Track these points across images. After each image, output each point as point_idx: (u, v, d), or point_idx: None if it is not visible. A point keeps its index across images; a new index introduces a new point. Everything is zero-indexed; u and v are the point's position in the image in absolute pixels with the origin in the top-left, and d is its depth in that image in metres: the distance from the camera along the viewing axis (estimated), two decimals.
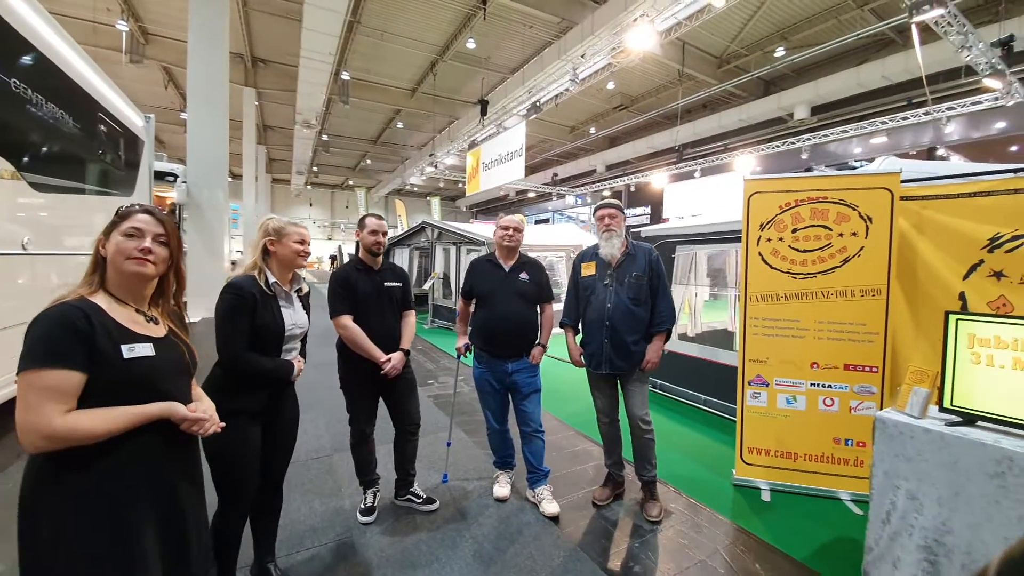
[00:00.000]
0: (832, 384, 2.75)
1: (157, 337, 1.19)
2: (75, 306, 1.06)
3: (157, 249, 1.18)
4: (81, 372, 1.02)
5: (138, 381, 1.11)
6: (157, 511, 1.14)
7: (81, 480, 1.04)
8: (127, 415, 1.07)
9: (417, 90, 16.62)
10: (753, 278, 2.87)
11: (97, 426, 1.02)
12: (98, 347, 1.05)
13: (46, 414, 0.97)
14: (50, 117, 3.71)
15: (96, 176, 4.70)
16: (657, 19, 7.49)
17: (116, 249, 1.14)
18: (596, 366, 2.59)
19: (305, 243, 1.85)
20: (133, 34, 11.95)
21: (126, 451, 1.08)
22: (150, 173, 6.49)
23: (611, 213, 2.56)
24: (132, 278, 1.17)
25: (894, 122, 11.62)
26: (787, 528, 2.47)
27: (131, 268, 1.14)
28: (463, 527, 2.39)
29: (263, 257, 1.78)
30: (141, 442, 1.11)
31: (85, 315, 1.05)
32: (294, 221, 1.87)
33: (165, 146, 22.29)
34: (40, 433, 0.97)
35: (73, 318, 1.03)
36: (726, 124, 15.33)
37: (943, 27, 7.91)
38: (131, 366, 1.10)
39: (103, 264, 1.16)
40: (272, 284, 1.75)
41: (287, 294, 1.82)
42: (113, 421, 1.04)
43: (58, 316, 1.03)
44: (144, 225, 1.17)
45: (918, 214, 2.74)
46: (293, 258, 1.81)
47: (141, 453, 1.12)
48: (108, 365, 1.06)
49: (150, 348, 1.15)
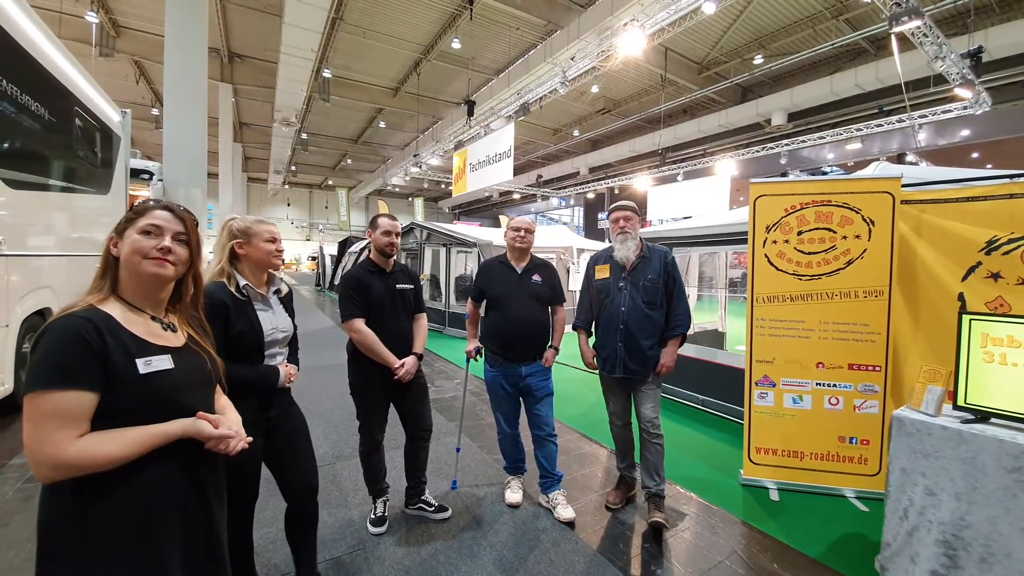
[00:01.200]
0: (837, 383, 2.80)
1: (175, 347, 1.08)
2: (84, 317, 0.94)
3: (177, 249, 1.07)
4: (93, 392, 0.91)
5: (157, 398, 1.00)
6: (190, 540, 1.05)
7: (108, 512, 0.93)
8: (147, 436, 0.96)
9: (400, 89, 16.45)
10: (760, 280, 2.90)
11: (114, 450, 0.91)
12: (111, 363, 0.94)
13: (56, 441, 0.86)
14: (24, 111, 3.49)
15: (70, 173, 4.45)
16: (647, 23, 7.57)
17: (132, 248, 1.02)
18: (610, 370, 2.56)
19: (276, 240, 1.72)
20: (103, 26, 11.44)
21: (153, 476, 0.98)
22: (126, 171, 6.19)
23: (626, 215, 2.54)
24: (149, 281, 1.06)
25: (868, 129, 12.07)
26: (798, 526, 2.50)
27: (149, 269, 1.03)
28: (479, 535, 2.33)
29: (231, 261, 1.66)
30: (167, 464, 1.00)
31: (95, 327, 0.94)
32: (260, 219, 1.74)
33: (136, 143, 21.43)
34: (51, 463, 0.87)
35: (82, 331, 0.92)
36: (706, 129, 15.68)
37: (919, 38, 8.26)
38: (149, 382, 0.99)
39: (115, 266, 1.05)
40: (244, 288, 1.63)
41: (263, 297, 1.70)
42: (132, 443, 0.94)
43: (64, 330, 0.92)
44: (163, 222, 1.06)
45: (917, 218, 2.82)
46: (266, 259, 1.69)
47: (168, 477, 1.02)
48: (123, 382, 0.95)
49: (168, 360, 1.03)
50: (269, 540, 2.23)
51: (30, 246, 3.69)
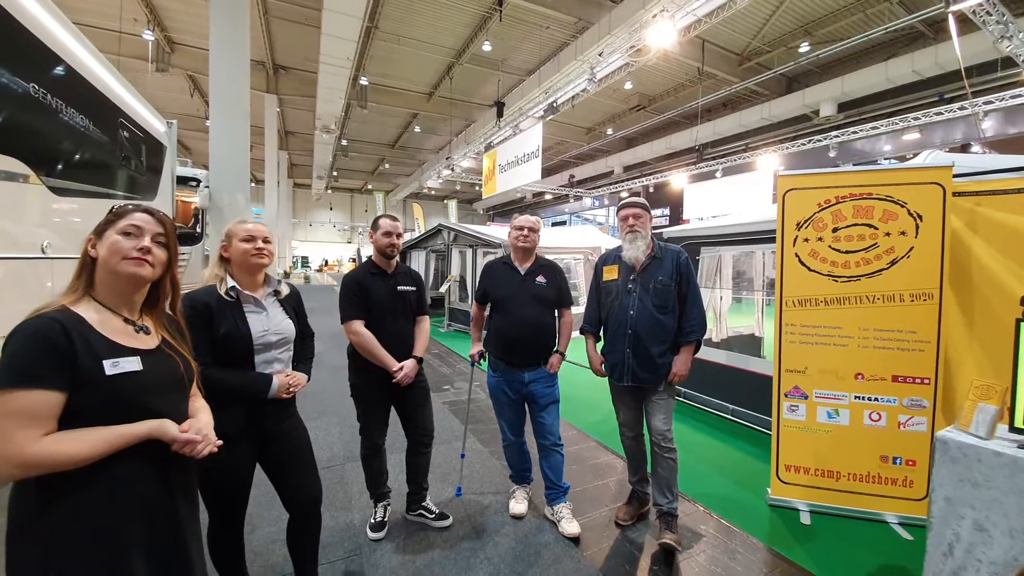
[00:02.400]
0: (879, 397, 2.53)
1: (146, 349, 1.09)
2: (52, 318, 0.96)
3: (156, 251, 1.09)
4: (59, 391, 0.92)
5: (123, 399, 1.01)
6: (155, 538, 1.04)
7: (69, 510, 0.94)
8: (111, 436, 0.97)
9: (434, 93, 16.68)
10: (789, 281, 2.67)
11: (77, 449, 0.92)
12: (78, 363, 0.95)
13: (18, 440, 0.87)
14: (70, 122, 3.74)
15: (118, 181, 4.74)
16: (677, 14, 7.28)
17: (111, 249, 1.04)
18: (618, 377, 2.41)
19: (254, 239, 1.62)
20: (159, 43, 12.26)
21: (117, 474, 0.99)
22: (172, 178, 6.56)
23: (635, 213, 2.39)
24: (126, 281, 1.07)
25: (927, 118, 11.12)
26: (831, 555, 2.27)
27: (127, 269, 1.05)
28: (478, 547, 2.25)
29: (221, 264, 1.64)
30: (133, 464, 1.01)
31: (63, 328, 0.95)
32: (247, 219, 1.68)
33: (191, 152, 22.93)
34: (14, 461, 0.87)
35: (49, 332, 0.94)
36: (747, 123, 14.94)
37: (981, 16, 7.52)
38: (114, 383, 0.99)
39: (91, 267, 1.07)
40: (231, 289, 1.59)
41: (255, 300, 1.64)
42: (96, 443, 0.94)
43: (32, 330, 0.94)
44: (143, 223, 1.08)
45: (972, 211, 2.51)
46: (243, 259, 1.61)
47: (134, 476, 1.02)
48: (90, 382, 0.96)
49: (136, 362, 1.04)
50: (270, 540, 2.24)
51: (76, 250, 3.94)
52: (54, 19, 3.53)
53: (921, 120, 11.19)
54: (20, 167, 3.15)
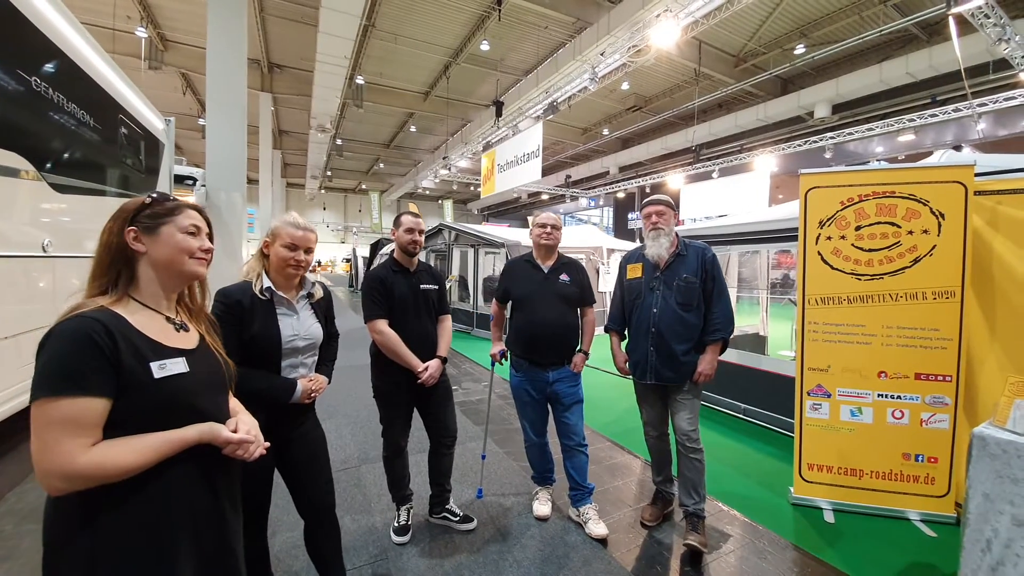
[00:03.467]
0: (902, 395, 2.53)
1: (189, 349, 1.04)
2: (94, 318, 0.88)
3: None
4: (105, 398, 0.86)
5: (173, 402, 0.95)
6: (203, 547, 0.99)
7: (117, 522, 0.88)
8: (163, 442, 0.91)
9: (430, 93, 16.60)
10: (812, 280, 2.66)
11: (128, 459, 0.86)
12: (124, 367, 0.88)
13: (66, 451, 0.81)
14: (70, 118, 3.64)
15: (116, 178, 4.63)
16: (680, 13, 7.30)
17: (179, 247, 1.01)
18: (641, 376, 2.39)
19: (297, 248, 1.56)
20: (152, 41, 12.06)
21: (166, 483, 0.93)
22: (170, 176, 6.45)
23: (659, 210, 2.35)
24: (187, 279, 1.06)
25: (922, 119, 11.26)
26: (857, 552, 2.26)
27: (194, 268, 1.04)
28: (505, 550, 2.21)
29: (261, 258, 1.59)
30: (181, 470, 0.95)
31: (106, 328, 0.88)
32: (298, 222, 1.59)
33: (183, 152, 22.59)
34: (61, 473, 0.81)
35: (92, 333, 0.86)
36: (743, 124, 15.04)
37: (979, 19, 7.63)
38: (162, 386, 0.93)
39: (129, 263, 0.99)
40: (266, 290, 1.54)
41: (288, 302, 1.59)
42: (147, 451, 0.89)
43: (74, 332, 0.86)
44: (200, 223, 1.07)
45: (993, 210, 2.52)
46: (280, 265, 1.56)
47: (182, 483, 0.96)
48: (137, 387, 0.90)
49: (183, 363, 0.98)
50: (292, 545, 2.19)
51: (76, 248, 3.84)
52: (58, 13, 3.44)
53: (916, 122, 11.32)
54: (21, 162, 3.07)
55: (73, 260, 3.76)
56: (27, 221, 3.22)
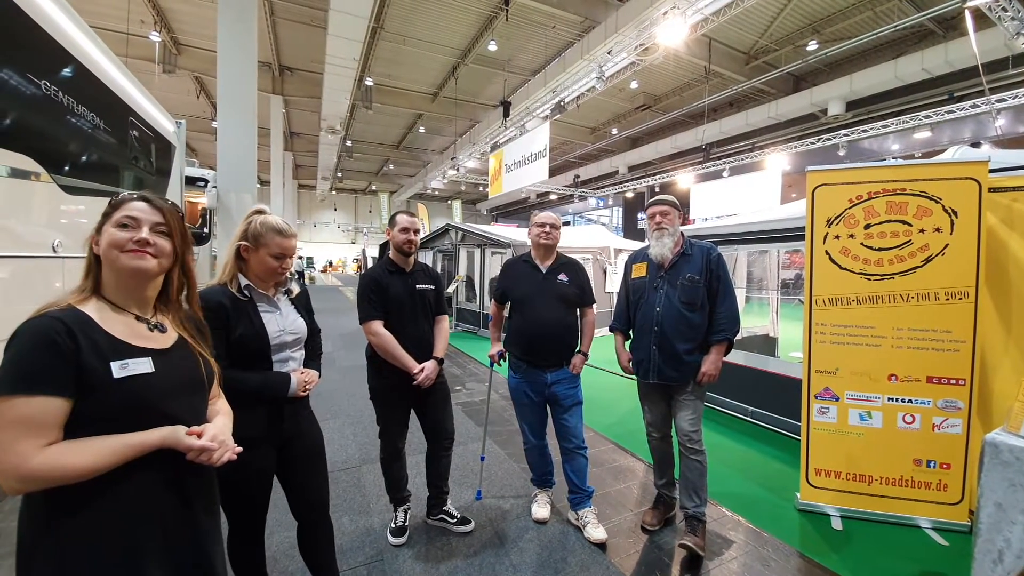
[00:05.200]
0: (913, 399, 2.45)
1: (159, 349, 1.01)
2: (56, 318, 0.88)
3: (158, 240, 1.00)
4: (62, 397, 0.85)
5: (134, 403, 0.93)
6: (174, 554, 0.97)
7: (81, 526, 0.87)
8: (123, 445, 0.89)
9: (439, 94, 16.66)
10: (819, 280, 2.59)
11: (84, 461, 0.84)
12: (84, 366, 0.87)
13: (20, 451, 0.80)
14: (81, 121, 3.70)
15: (127, 180, 4.70)
16: (688, 10, 7.21)
17: (108, 242, 0.96)
18: (644, 375, 2.36)
19: (286, 257, 1.53)
20: (165, 45, 12.26)
21: (129, 487, 0.91)
22: (181, 178, 6.53)
23: (663, 210, 2.33)
24: (129, 276, 0.99)
25: (938, 116, 11.00)
26: (866, 561, 2.19)
27: (127, 263, 0.97)
28: (502, 553, 2.18)
29: (237, 261, 1.54)
30: (146, 475, 0.93)
31: (67, 328, 0.87)
32: (281, 227, 1.54)
33: (197, 154, 22.97)
34: (15, 473, 0.80)
35: (52, 332, 0.86)
36: (754, 122, 14.83)
37: (996, 13, 7.42)
38: (124, 386, 0.91)
39: (97, 265, 0.99)
40: (245, 287, 1.51)
41: (269, 299, 1.57)
42: (103, 452, 0.86)
43: (34, 332, 0.86)
44: (140, 214, 1.00)
45: (1009, 207, 2.43)
46: (266, 274, 1.54)
47: (148, 488, 0.94)
48: (96, 387, 0.88)
49: (148, 363, 0.96)
50: (289, 546, 2.18)
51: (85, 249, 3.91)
52: (67, 17, 3.50)
53: (932, 118, 11.05)
54: (32, 165, 3.12)
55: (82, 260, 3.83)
56: (38, 222, 3.27)
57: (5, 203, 2.92)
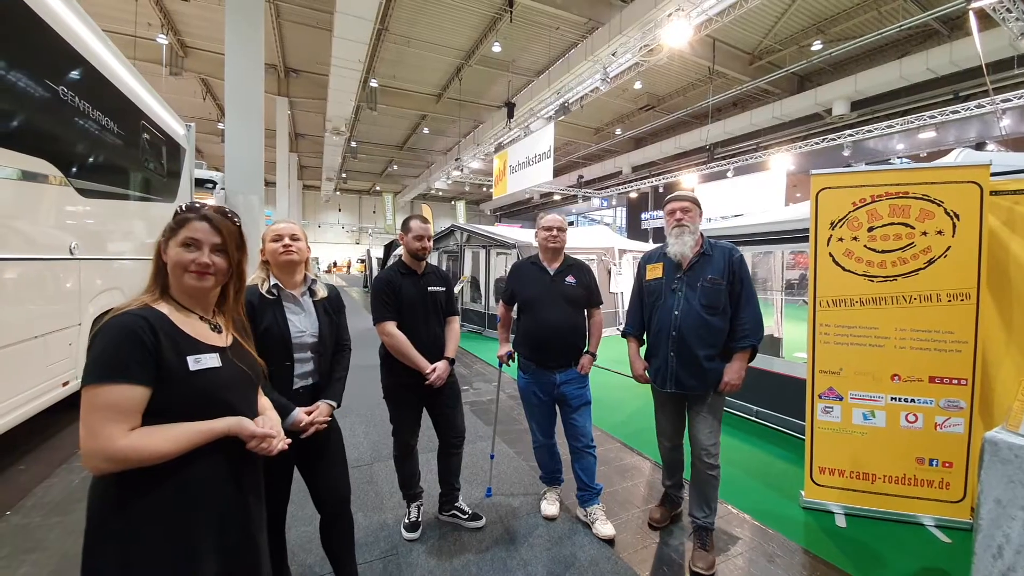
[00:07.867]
0: (916, 398, 2.49)
1: (223, 347, 1.12)
2: (138, 315, 0.99)
3: (216, 260, 1.10)
4: (145, 387, 0.95)
5: (205, 395, 1.04)
6: (226, 538, 1.05)
7: (146, 506, 0.95)
8: (194, 432, 0.99)
9: (443, 95, 16.74)
10: (823, 281, 2.63)
11: (163, 445, 0.94)
12: (163, 359, 0.98)
13: (108, 434, 0.90)
14: (95, 125, 3.78)
15: (139, 183, 4.79)
16: (692, 12, 7.24)
17: (174, 261, 1.07)
18: (661, 383, 2.25)
19: (282, 236, 1.69)
20: (172, 47, 12.39)
21: (194, 472, 1.00)
22: (191, 180, 6.62)
23: (684, 207, 2.21)
24: (189, 291, 1.11)
25: (943, 116, 10.98)
26: (869, 557, 2.24)
27: (190, 282, 1.08)
28: (512, 549, 2.24)
29: (263, 266, 1.73)
30: (208, 463, 1.03)
31: (149, 324, 0.98)
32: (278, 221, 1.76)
33: (204, 155, 23.13)
34: (102, 454, 0.90)
35: (136, 328, 0.96)
36: (758, 122, 14.84)
37: (1001, 13, 7.43)
38: (197, 379, 1.03)
39: (164, 270, 1.09)
40: (272, 287, 1.65)
41: (294, 298, 1.69)
42: (180, 439, 0.97)
43: (119, 326, 0.96)
44: (201, 235, 1.08)
45: (1010, 210, 2.47)
46: (275, 257, 1.69)
47: (208, 475, 1.03)
48: (174, 378, 0.99)
49: (216, 359, 1.07)
50: (306, 539, 2.25)
51: (101, 250, 3.99)
52: (81, 22, 3.58)
53: (937, 118, 11.04)
54: (49, 168, 3.20)
55: (98, 262, 3.91)
56: (55, 224, 3.35)
57: (23, 206, 3.00)
